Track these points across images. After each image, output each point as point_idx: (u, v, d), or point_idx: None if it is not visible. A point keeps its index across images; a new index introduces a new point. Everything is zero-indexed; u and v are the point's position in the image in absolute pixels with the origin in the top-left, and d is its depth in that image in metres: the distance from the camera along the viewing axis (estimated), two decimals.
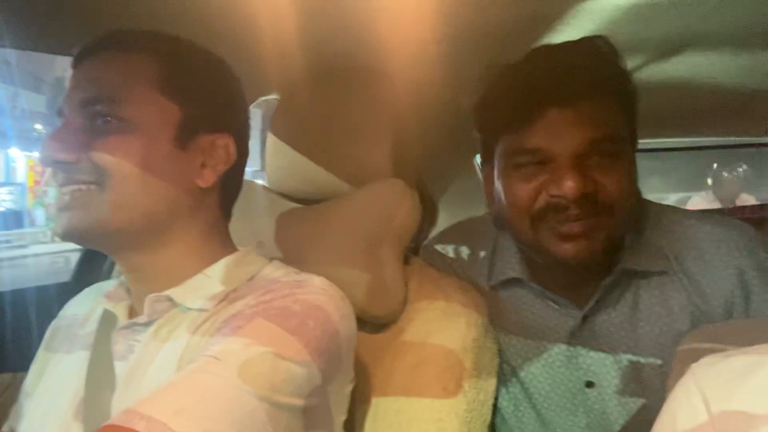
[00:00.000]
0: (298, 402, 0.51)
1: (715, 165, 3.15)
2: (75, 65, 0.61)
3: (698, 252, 0.74)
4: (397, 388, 0.67)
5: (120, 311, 0.63)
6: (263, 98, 1.01)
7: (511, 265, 0.82)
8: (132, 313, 0.63)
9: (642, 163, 0.78)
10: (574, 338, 0.79)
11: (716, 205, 3.15)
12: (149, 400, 0.47)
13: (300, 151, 0.79)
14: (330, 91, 0.79)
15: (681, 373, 0.53)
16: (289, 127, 0.81)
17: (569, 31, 0.88)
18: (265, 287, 0.57)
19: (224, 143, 0.62)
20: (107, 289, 0.66)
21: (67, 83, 0.60)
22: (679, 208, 0.84)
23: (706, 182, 3.27)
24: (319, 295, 0.56)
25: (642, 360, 0.76)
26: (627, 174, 0.71)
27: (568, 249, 0.70)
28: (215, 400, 0.46)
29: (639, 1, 0.75)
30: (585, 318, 0.78)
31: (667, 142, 1.93)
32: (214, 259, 0.62)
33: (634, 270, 0.76)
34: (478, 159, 1.88)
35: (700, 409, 0.47)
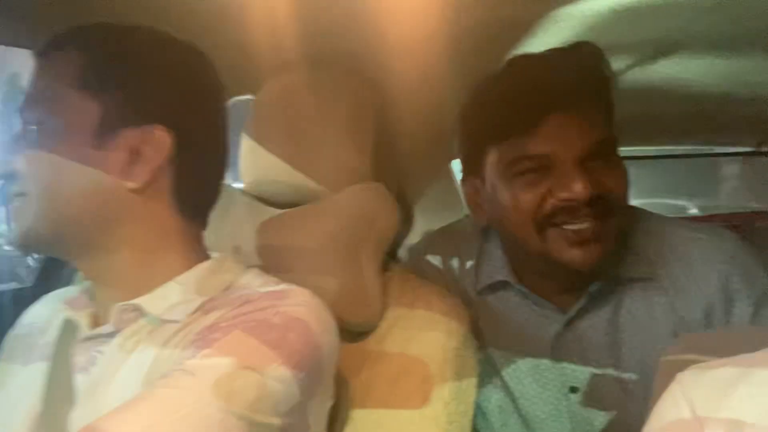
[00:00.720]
0: (276, 421, 0.48)
1: None
2: None
3: (682, 257, 0.75)
4: (376, 399, 0.65)
5: (82, 320, 0.59)
6: (235, 98, 0.98)
7: (497, 269, 0.82)
8: (95, 322, 0.59)
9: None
10: (557, 343, 0.78)
11: None
12: (113, 416, 0.44)
13: (277, 153, 0.76)
14: (314, 92, 0.77)
15: (664, 384, 0.52)
16: (267, 129, 0.79)
17: (546, 37, 0.88)
18: (242, 298, 0.54)
19: (156, 136, 0.55)
20: (69, 295, 0.63)
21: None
22: (664, 216, 0.84)
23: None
24: (300, 306, 0.54)
25: (624, 366, 0.76)
26: (625, 175, 0.72)
27: (578, 254, 0.70)
28: (187, 418, 0.43)
29: (619, 6, 0.76)
30: (568, 323, 0.78)
31: (635, 151, 1.96)
32: (186, 267, 0.59)
33: (620, 276, 0.76)
34: (454, 164, 1.89)
35: (688, 418, 0.46)
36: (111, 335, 0.56)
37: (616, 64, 0.85)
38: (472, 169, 0.79)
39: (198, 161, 0.59)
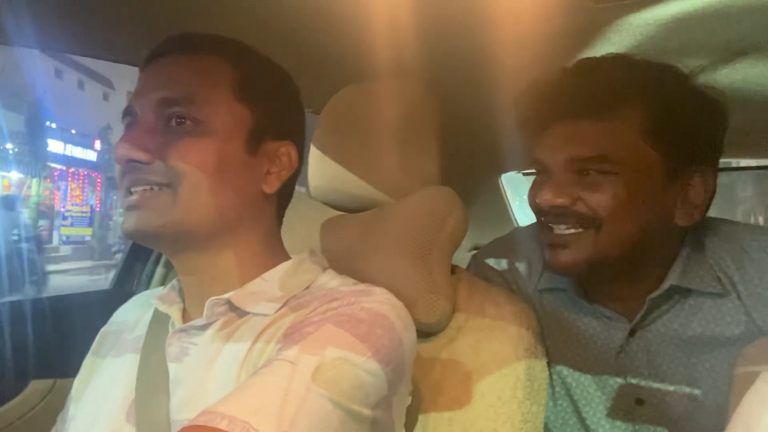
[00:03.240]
0: (367, 412, 0.50)
1: None
2: (145, 66, 0.62)
3: (758, 266, 0.74)
4: (449, 398, 0.66)
5: (174, 314, 0.63)
6: None
7: (557, 276, 0.82)
8: (185, 316, 0.63)
9: None
10: (623, 352, 0.78)
11: None
12: (227, 400, 0.46)
13: (345, 162, 0.79)
14: (379, 101, 0.80)
15: (742, 391, 0.52)
16: (334, 139, 0.82)
17: (607, 46, 0.89)
18: (328, 295, 0.57)
19: (287, 150, 0.63)
20: (158, 293, 0.67)
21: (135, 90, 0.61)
22: (737, 222, 0.82)
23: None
24: (383, 304, 0.56)
25: (695, 378, 0.75)
26: (621, 193, 0.71)
27: (553, 257, 0.76)
28: (292, 402, 0.46)
29: (681, 13, 0.76)
30: (633, 332, 0.77)
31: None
32: (271, 265, 0.63)
33: (684, 288, 0.75)
34: (503, 178, 1.89)
35: None
36: (203, 327, 0.60)
37: (688, 65, 0.84)
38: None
39: (298, 173, 0.67)
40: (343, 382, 0.48)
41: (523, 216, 1.95)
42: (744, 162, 1.88)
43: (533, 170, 0.80)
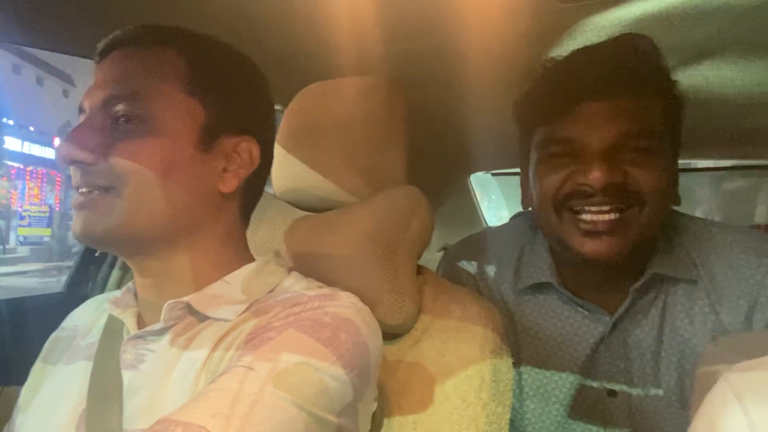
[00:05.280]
0: (332, 418, 0.49)
1: None
2: (99, 60, 0.58)
3: (726, 259, 0.75)
4: (414, 401, 0.65)
5: (127, 319, 0.60)
6: None
7: (542, 270, 0.82)
8: (140, 321, 0.60)
9: None
10: (602, 345, 0.78)
11: None
12: (182, 409, 0.44)
13: (309, 161, 0.77)
14: (346, 99, 0.78)
15: (702, 397, 0.52)
16: (299, 137, 0.80)
17: (574, 46, 0.89)
18: (292, 300, 0.55)
19: (247, 147, 0.59)
20: (112, 296, 0.64)
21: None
22: (706, 219, 0.84)
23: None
24: (347, 308, 0.54)
25: (664, 369, 0.76)
26: (660, 170, 0.71)
27: (591, 246, 0.71)
28: (253, 406, 0.44)
29: (650, 13, 0.77)
30: (615, 325, 0.78)
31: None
32: (233, 267, 0.60)
33: (664, 276, 0.76)
34: (472, 178, 1.90)
35: (739, 416, 0.46)
36: (160, 333, 0.57)
37: None
38: (523, 154, 0.82)
39: (266, 168, 0.64)
40: (306, 386, 0.47)
41: (492, 216, 1.96)
42: (703, 163, 1.93)
43: (552, 153, 0.74)
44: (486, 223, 1.98)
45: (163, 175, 0.53)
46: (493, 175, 1.99)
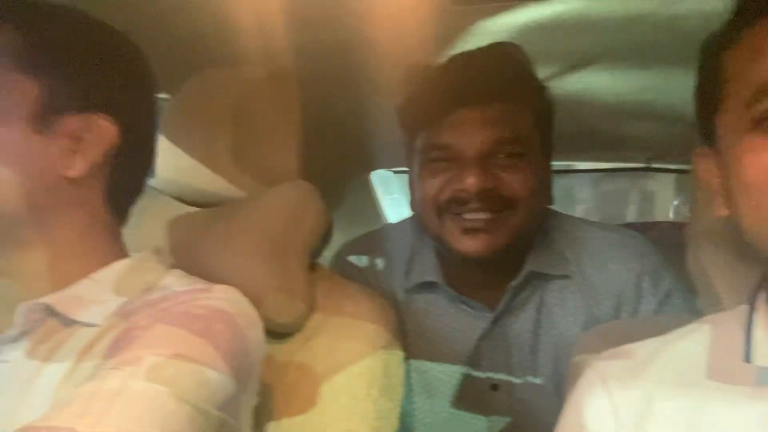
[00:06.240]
0: (215, 412, 0.45)
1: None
2: None
3: (597, 256, 0.81)
4: (303, 400, 0.64)
5: None
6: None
7: (428, 270, 0.84)
8: None
9: None
10: (484, 341, 0.82)
11: None
12: (46, 414, 0.40)
13: (195, 154, 0.73)
14: (237, 89, 0.75)
15: (576, 378, 0.56)
16: (185, 128, 0.75)
17: (467, 49, 0.92)
18: (161, 297, 0.51)
19: (99, 125, 0.53)
20: None
21: None
22: (582, 218, 0.91)
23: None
24: (221, 300, 0.51)
25: (542, 361, 0.80)
26: (532, 175, 0.76)
27: (470, 244, 0.75)
28: (129, 401, 0.40)
29: (533, 21, 0.81)
30: (496, 320, 0.81)
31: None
32: (102, 264, 0.55)
33: (539, 273, 0.80)
34: (374, 176, 1.90)
35: (603, 400, 0.50)
36: (16, 339, 0.51)
37: (542, 71, 0.90)
38: (407, 156, 0.84)
39: (136, 155, 0.58)
40: (184, 378, 0.43)
41: (394, 214, 1.98)
42: (582, 165, 2.08)
43: (431, 158, 0.77)
44: (388, 221, 2.00)
45: None
46: (395, 173, 2.01)
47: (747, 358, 0.46)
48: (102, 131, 0.53)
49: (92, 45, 0.54)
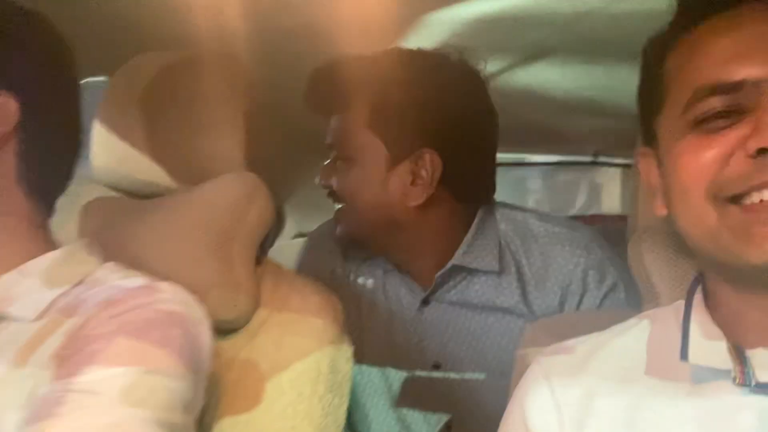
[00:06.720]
0: (189, 418, 0.47)
1: None
2: None
3: (543, 249, 0.83)
4: (247, 398, 0.62)
5: None
6: (86, 80, 0.89)
7: None
8: None
9: None
10: (420, 321, 0.87)
11: None
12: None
13: (132, 142, 0.70)
14: (179, 72, 0.71)
15: (522, 370, 0.57)
16: (122, 114, 0.71)
17: (418, 39, 0.91)
18: (107, 296, 0.49)
19: (2, 102, 0.50)
20: None
21: None
22: (530, 210, 0.92)
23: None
24: (172, 301, 0.51)
25: (477, 345, 0.85)
26: (357, 178, 0.85)
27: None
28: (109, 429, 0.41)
29: (486, 14, 0.81)
30: (427, 301, 0.87)
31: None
32: (31, 256, 0.52)
33: (463, 266, 0.84)
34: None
35: (547, 396, 0.50)
36: None
37: (489, 67, 0.90)
38: None
39: (48, 135, 0.55)
40: (156, 395, 0.44)
41: None
42: (535, 158, 2.13)
43: None
44: None
45: None
46: None
47: (683, 355, 0.47)
48: (2, 109, 0.51)
49: None
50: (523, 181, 2.62)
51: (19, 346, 0.47)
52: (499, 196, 0.94)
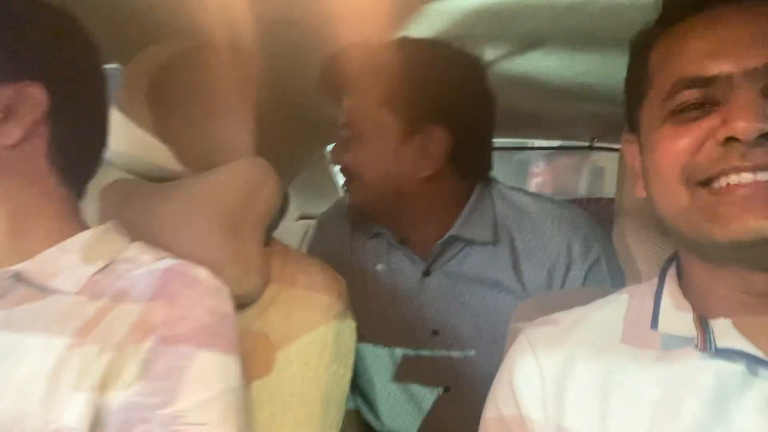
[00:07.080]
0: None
1: None
2: None
3: (533, 224, 0.88)
4: (257, 367, 0.67)
5: None
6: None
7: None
8: None
9: None
10: (421, 290, 0.92)
11: None
12: None
13: (149, 128, 0.74)
14: (192, 63, 0.75)
15: (513, 343, 0.61)
16: (137, 101, 0.75)
17: (419, 29, 0.94)
18: (153, 285, 0.53)
19: (30, 92, 0.54)
20: None
21: None
22: (523, 189, 0.98)
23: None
24: (216, 296, 0.56)
25: (473, 313, 0.90)
26: (366, 155, 0.90)
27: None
28: None
29: (482, 5, 0.84)
30: (429, 271, 0.92)
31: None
32: (68, 234, 0.57)
33: (461, 237, 0.90)
34: (329, 149, 1.92)
35: (531, 363, 0.55)
36: None
37: (487, 55, 0.95)
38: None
39: (76, 122, 0.58)
40: (238, 408, 0.52)
41: None
42: (537, 143, 2.16)
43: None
44: (342, 191, 2.03)
45: None
46: None
47: (654, 325, 0.52)
48: (32, 98, 0.54)
49: (14, 14, 0.55)
50: (525, 164, 2.66)
51: (80, 324, 0.51)
52: (503, 179, 1.01)
